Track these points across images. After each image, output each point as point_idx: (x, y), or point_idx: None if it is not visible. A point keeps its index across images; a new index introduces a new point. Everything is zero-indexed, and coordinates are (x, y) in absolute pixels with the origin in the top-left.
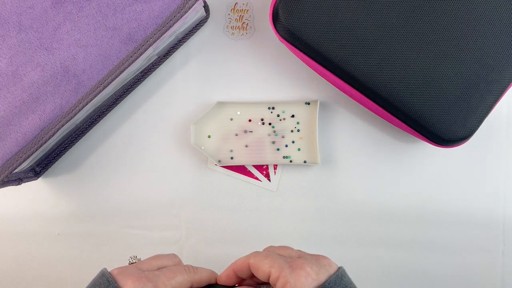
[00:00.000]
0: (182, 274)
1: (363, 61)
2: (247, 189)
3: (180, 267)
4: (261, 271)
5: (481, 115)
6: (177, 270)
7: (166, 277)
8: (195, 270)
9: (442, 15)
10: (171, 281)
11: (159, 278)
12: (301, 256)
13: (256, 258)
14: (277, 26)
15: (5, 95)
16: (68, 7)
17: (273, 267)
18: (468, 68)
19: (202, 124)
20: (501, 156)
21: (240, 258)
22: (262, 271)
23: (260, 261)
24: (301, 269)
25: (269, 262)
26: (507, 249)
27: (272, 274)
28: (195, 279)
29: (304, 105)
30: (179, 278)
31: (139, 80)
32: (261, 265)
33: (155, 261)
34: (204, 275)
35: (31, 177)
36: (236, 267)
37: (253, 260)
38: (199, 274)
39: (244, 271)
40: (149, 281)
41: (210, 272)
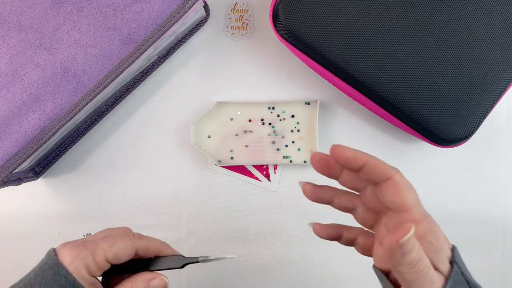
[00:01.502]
0: (124, 240)
1: (363, 61)
2: (247, 189)
3: (124, 234)
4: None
5: (481, 115)
6: (119, 236)
7: (106, 243)
8: (141, 237)
9: (442, 15)
10: (112, 247)
11: (98, 245)
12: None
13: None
14: (277, 26)
15: (5, 95)
16: (68, 7)
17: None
18: (468, 68)
19: (202, 124)
20: (501, 156)
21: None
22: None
23: (407, 187)
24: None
25: (415, 198)
26: (507, 249)
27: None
28: (140, 245)
29: (304, 105)
30: (120, 244)
31: (139, 80)
32: (407, 192)
33: (102, 233)
34: (152, 242)
35: (31, 177)
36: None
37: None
38: (146, 241)
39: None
40: (87, 249)
41: (160, 242)
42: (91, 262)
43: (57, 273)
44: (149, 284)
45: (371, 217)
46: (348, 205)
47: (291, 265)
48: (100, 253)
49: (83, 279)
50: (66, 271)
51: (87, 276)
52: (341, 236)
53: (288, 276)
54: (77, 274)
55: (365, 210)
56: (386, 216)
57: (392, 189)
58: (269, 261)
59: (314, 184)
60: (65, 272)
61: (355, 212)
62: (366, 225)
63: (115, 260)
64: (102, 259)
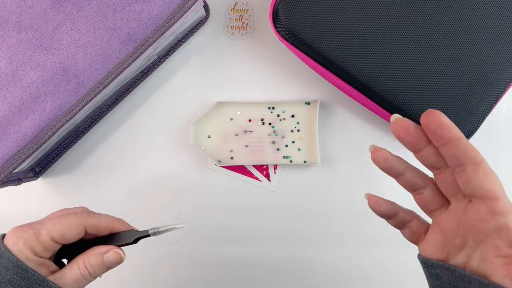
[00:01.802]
0: (69, 218)
1: (363, 60)
2: (247, 189)
3: (71, 213)
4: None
5: (481, 115)
6: (65, 215)
7: (51, 222)
8: (90, 214)
9: (442, 14)
10: (56, 226)
11: (43, 224)
12: None
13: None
14: (277, 26)
15: (5, 95)
16: (67, 7)
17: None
18: (468, 68)
19: (202, 124)
20: (501, 156)
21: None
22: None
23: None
24: None
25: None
26: None
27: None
28: (89, 223)
29: (304, 105)
30: (65, 222)
31: (139, 80)
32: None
33: (55, 213)
34: (103, 219)
35: (31, 177)
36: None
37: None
38: (95, 218)
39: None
40: (30, 229)
41: (112, 218)
42: (35, 243)
43: (0, 255)
44: (102, 257)
45: (437, 201)
46: (419, 182)
47: (291, 265)
48: (44, 233)
49: (28, 259)
50: (10, 252)
51: (32, 256)
52: (397, 215)
53: (288, 276)
54: (21, 255)
55: (434, 192)
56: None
57: (482, 174)
58: (269, 261)
59: (389, 151)
60: (8, 254)
61: (420, 192)
62: (427, 209)
63: (62, 239)
64: (47, 239)
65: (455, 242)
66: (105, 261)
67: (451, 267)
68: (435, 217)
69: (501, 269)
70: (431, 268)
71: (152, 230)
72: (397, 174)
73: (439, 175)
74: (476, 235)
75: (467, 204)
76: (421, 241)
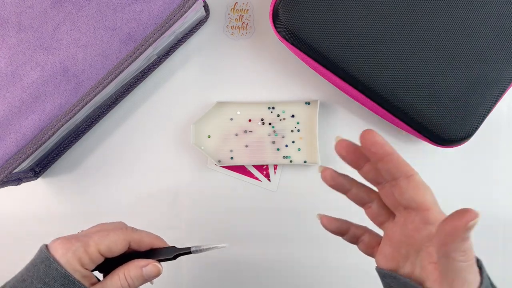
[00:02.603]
0: (116, 233)
1: (363, 60)
2: (247, 189)
3: (117, 228)
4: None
5: (481, 115)
6: (111, 229)
7: (98, 236)
8: (133, 230)
9: (443, 15)
10: (104, 240)
11: (90, 237)
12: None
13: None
14: (277, 25)
15: (5, 95)
16: (67, 7)
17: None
18: (469, 68)
19: (202, 124)
20: (501, 156)
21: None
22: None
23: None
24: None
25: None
26: (507, 249)
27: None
28: (133, 238)
29: (304, 105)
30: (112, 236)
31: (139, 80)
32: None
33: (96, 227)
34: (145, 235)
35: (31, 177)
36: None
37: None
38: (138, 233)
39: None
40: (79, 241)
41: (153, 235)
42: (83, 254)
43: (48, 266)
44: (142, 270)
45: (384, 214)
46: (365, 197)
47: (291, 265)
48: (93, 245)
49: (76, 271)
50: (58, 263)
51: (80, 268)
52: (348, 231)
53: (288, 275)
54: (69, 266)
55: (380, 205)
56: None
57: (412, 187)
58: (269, 260)
59: (335, 170)
60: (56, 265)
61: (369, 206)
62: (376, 221)
63: (108, 252)
64: (95, 251)
65: (402, 252)
66: (144, 274)
67: (396, 275)
68: (385, 229)
69: (432, 273)
70: (384, 278)
71: (194, 247)
72: (345, 190)
73: (381, 189)
74: (414, 244)
75: (405, 216)
76: (375, 253)
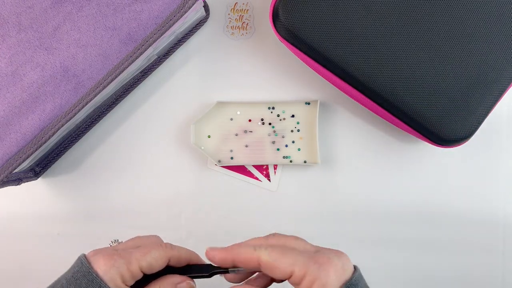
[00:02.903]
0: (158, 250)
1: (363, 60)
2: (247, 189)
3: (156, 244)
4: (279, 271)
5: (481, 115)
6: (152, 246)
7: (140, 252)
8: (172, 246)
9: (443, 15)
10: (145, 256)
11: (132, 254)
12: (319, 250)
13: (271, 256)
14: (277, 26)
15: (5, 95)
16: (67, 7)
17: (296, 265)
18: (469, 68)
19: (202, 124)
20: (501, 156)
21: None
22: (281, 271)
23: (278, 259)
24: (329, 265)
25: (290, 260)
26: (507, 249)
27: (296, 273)
28: (173, 254)
29: (304, 105)
30: (154, 253)
31: (139, 80)
32: (279, 264)
33: (133, 241)
34: (184, 252)
35: (31, 177)
36: (238, 258)
37: (268, 259)
38: (177, 250)
39: (249, 265)
40: (121, 258)
41: (190, 252)
42: (125, 271)
43: (91, 281)
44: (176, 286)
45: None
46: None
47: None
48: (135, 262)
49: (117, 287)
50: (101, 280)
51: (121, 285)
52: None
53: None
54: (112, 283)
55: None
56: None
57: (268, 269)
58: None
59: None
60: (99, 281)
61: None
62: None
63: (149, 269)
64: (136, 268)
65: None
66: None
67: None
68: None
69: None
70: None
71: (231, 269)
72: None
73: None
74: None
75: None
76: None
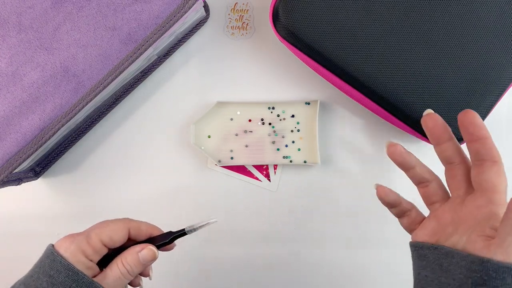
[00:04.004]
0: (116, 222)
1: (363, 61)
2: (247, 189)
3: (116, 219)
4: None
5: (481, 115)
6: (110, 220)
7: (99, 227)
8: (131, 219)
9: (443, 15)
10: (104, 230)
11: (91, 230)
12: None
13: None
14: (277, 26)
15: (5, 95)
16: (68, 7)
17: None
18: (468, 68)
19: (202, 124)
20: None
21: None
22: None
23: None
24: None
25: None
26: None
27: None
28: (132, 225)
29: (304, 105)
30: (112, 226)
31: (139, 80)
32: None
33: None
34: (144, 224)
35: (31, 177)
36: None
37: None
38: (136, 221)
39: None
40: (80, 235)
41: (151, 225)
42: (86, 246)
43: (53, 260)
44: (138, 255)
45: (440, 194)
46: (427, 175)
47: (291, 265)
48: (94, 236)
49: (79, 262)
50: (61, 257)
51: (84, 259)
52: (400, 204)
53: (288, 275)
54: (73, 258)
55: (438, 186)
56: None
57: (495, 171)
58: (269, 260)
59: (403, 147)
60: (60, 258)
61: (425, 185)
62: (429, 200)
63: (110, 241)
64: (97, 241)
65: (447, 230)
66: (140, 259)
67: (438, 246)
68: (433, 208)
69: (480, 243)
70: (420, 250)
71: (187, 228)
72: (409, 168)
73: (450, 169)
74: (468, 222)
75: (467, 197)
76: (416, 229)
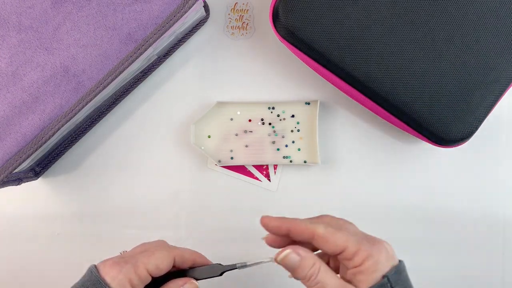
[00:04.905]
0: (161, 250)
1: (363, 60)
2: (247, 189)
3: (159, 246)
4: (332, 244)
5: (481, 115)
6: (155, 248)
7: (146, 256)
8: (175, 246)
9: (442, 15)
10: (151, 259)
11: (138, 258)
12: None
13: (327, 230)
14: (277, 26)
15: (5, 95)
16: (68, 7)
17: (350, 241)
18: (468, 68)
19: (202, 124)
20: (501, 156)
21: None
22: (334, 245)
23: (333, 234)
24: (381, 246)
25: (344, 237)
26: (507, 249)
27: (349, 248)
28: (176, 253)
29: (304, 105)
30: (158, 254)
31: (139, 80)
32: (334, 238)
33: (139, 247)
34: (187, 251)
35: (31, 177)
36: (294, 227)
37: (324, 232)
38: (180, 249)
39: (302, 235)
40: (128, 263)
41: (193, 251)
42: (133, 275)
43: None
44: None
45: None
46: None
47: None
48: (141, 266)
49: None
50: (109, 286)
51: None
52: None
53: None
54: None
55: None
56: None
57: (321, 242)
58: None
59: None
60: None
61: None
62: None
63: (156, 270)
64: (144, 271)
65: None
66: None
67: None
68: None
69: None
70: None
71: (239, 264)
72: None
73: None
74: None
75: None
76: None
